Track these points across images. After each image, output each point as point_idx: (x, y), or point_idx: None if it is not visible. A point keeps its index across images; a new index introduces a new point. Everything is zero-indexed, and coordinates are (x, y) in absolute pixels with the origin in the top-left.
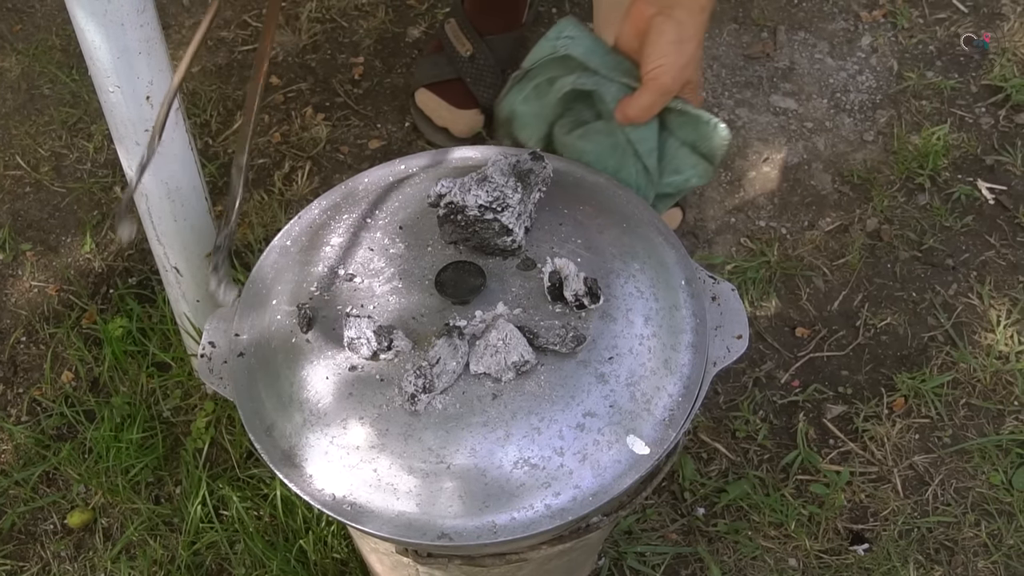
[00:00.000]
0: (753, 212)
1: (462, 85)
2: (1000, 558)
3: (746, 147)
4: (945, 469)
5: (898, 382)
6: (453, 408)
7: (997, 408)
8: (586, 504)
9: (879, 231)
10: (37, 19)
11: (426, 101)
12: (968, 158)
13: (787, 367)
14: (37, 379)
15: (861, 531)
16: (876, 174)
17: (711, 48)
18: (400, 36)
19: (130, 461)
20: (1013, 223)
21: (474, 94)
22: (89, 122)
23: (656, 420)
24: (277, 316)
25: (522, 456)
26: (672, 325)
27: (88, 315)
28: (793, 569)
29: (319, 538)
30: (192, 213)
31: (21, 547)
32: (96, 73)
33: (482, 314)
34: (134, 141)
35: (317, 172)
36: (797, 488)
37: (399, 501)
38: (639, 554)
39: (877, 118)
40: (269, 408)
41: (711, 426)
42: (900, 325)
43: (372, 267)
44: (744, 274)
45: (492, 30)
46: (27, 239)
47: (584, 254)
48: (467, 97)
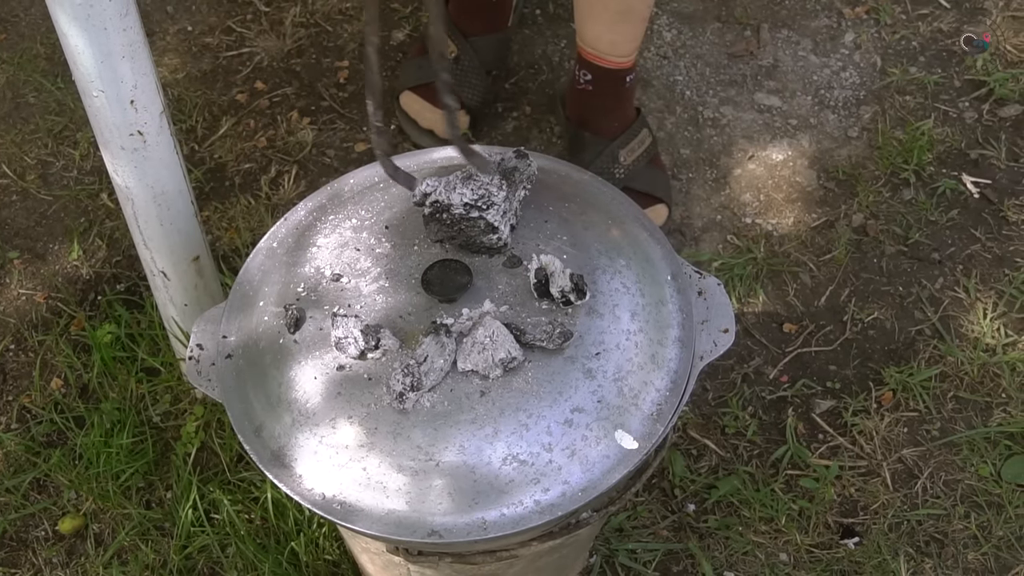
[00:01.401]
0: (739, 209)
1: None
2: (990, 549)
3: (731, 145)
4: (934, 462)
5: (886, 376)
6: (441, 406)
7: (985, 400)
8: (575, 499)
9: (865, 226)
10: (22, 28)
11: (411, 103)
12: (952, 152)
13: (775, 363)
14: (26, 386)
15: (851, 525)
16: (861, 170)
17: (694, 47)
18: (385, 39)
19: (120, 467)
20: (998, 216)
21: (458, 96)
22: (75, 130)
23: (644, 415)
24: (264, 317)
25: (511, 453)
26: (658, 320)
27: (76, 322)
28: (784, 563)
29: (311, 540)
30: (178, 217)
31: (13, 554)
32: (80, 78)
33: (469, 312)
34: (119, 146)
35: (303, 176)
36: (787, 483)
37: (389, 499)
38: (630, 551)
39: (861, 114)
40: (258, 409)
41: (700, 423)
42: (887, 319)
43: (358, 267)
44: (731, 271)
45: (477, 31)
46: (14, 247)
47: (570, 251)
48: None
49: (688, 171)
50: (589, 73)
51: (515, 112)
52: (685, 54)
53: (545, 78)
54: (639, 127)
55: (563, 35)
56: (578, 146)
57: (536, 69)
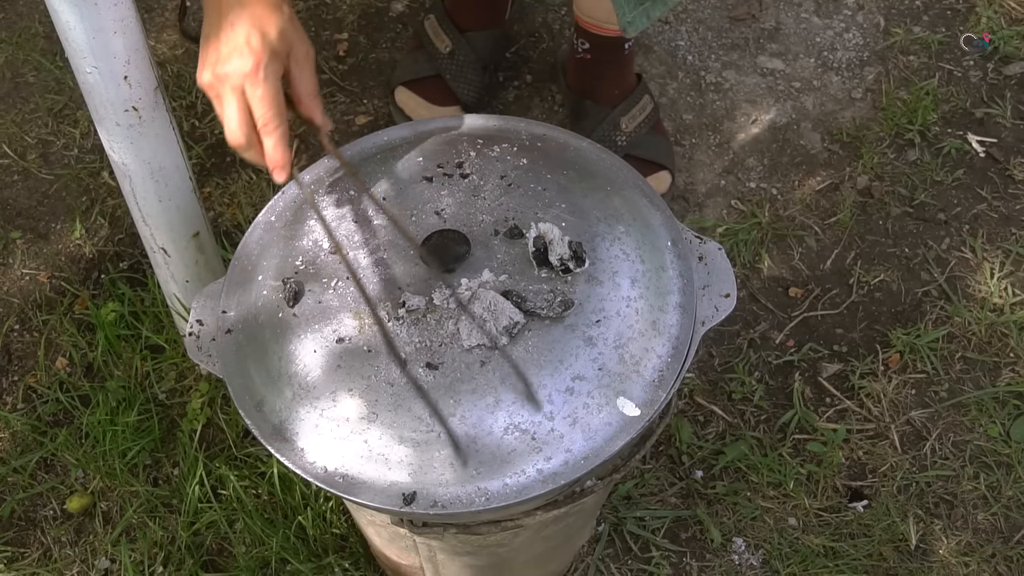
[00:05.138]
0: (743, 174)
1: (441, 82)
2: (1000, 509)
3: (734, 109)
4: (942, 423)
5: (893, 338)
6: (442, 377)
7: (993, 360)
8: (578, 468)
9: (870, 188)
10: (20, 7)
11: (405, 99)
12: (957, 112)
13: (781, 327)
14: (31, 366)
15: (860, 488)
16: (865, 131)
17: (696, 11)
18: (383, 11)
19: (127, 444)
20: (1004, 175)
21: (454, 91)
22: (75, 108)
23: (646, 381)
24: (264, 291)
25: (512, 422)
26: (659, 286)
27: (80, 301)
28: (793, 528)
29: (318, 514)
30: (177, 193)
31: (21, 533)
32: (72, 54)
33: (468, 282)
34: (114, 122)
35: (304, 150)
36: (795, 447)
37: (391, 471)
38: (639, 519)
39: (865, 75)
40: (259, 384)
41: (707, 389)
42: (893, 281)
43: (357, 239)
44: (736, 236)
45: (472, 26)
46: (16, 227)
47: (569, 218)
48: (447, 94)
49: (691, 137)
50: (587, 42)
51: (516, 81)
52: (687, 19)
53: (546, 46)
54: (640, 93)
55: (562, 2)
56: (579, 114)
57: (537, 37)
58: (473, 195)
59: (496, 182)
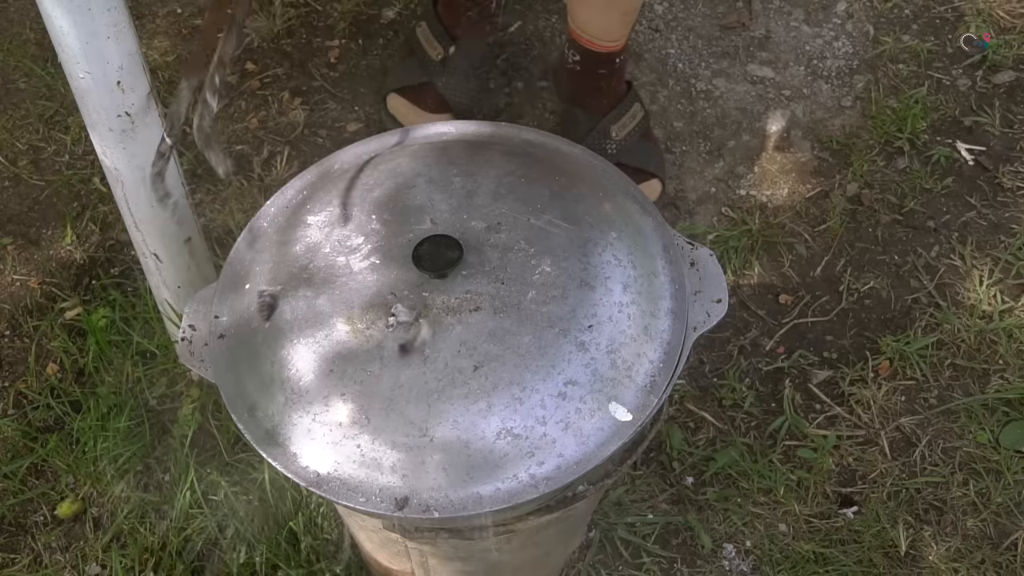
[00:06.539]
0: (733, 181)
1: (433, 89)
2: (989, 516)
3: (724, 117)
4: (932, 430)
5: (883, 345)
6: (434, 381)
7: (982, 367)
8: (570, 472)
9: (859, 196)
10: (10, 13)
11: (397, 106)
12: (946, 120)
13: (772, 334)
14: (22, 372)
15: (850, 494)
16: (855, 139)
17: (686, 19)
18: (375, 18)
19: (117, 450)
20: (993, 183)
21: (446, 98)
22: (66, 114)
23: (638, 387)
24: (255, 297)
25: (504, 426)
26: (651, 292)
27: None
28: (783, 534)
29: (309, 519)
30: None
31: (12, 539)
32: (66, 60)
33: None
34: (107, 128)
35: (296, 157)
36: (785, 454)
37: (383, 476)
38: (629, 525)
39: (854, 83)
40: (251, 389)
41: (697, 395)
42: (883, 288)
43: (349, 244)
44: (726, 243)
45: (464, 33)
46: (7, 233)
47: (560, 224)
48: (438, 101)
49: (681, 144)
50: (578, 54)
51: (508, 88)
52: (677, 27)
53: (537, 53)
54: (631, 101)
55: (554, 10)
56: (570, 122)
57: (528, 45)
58: (465, 201)
59: (488, 188)
